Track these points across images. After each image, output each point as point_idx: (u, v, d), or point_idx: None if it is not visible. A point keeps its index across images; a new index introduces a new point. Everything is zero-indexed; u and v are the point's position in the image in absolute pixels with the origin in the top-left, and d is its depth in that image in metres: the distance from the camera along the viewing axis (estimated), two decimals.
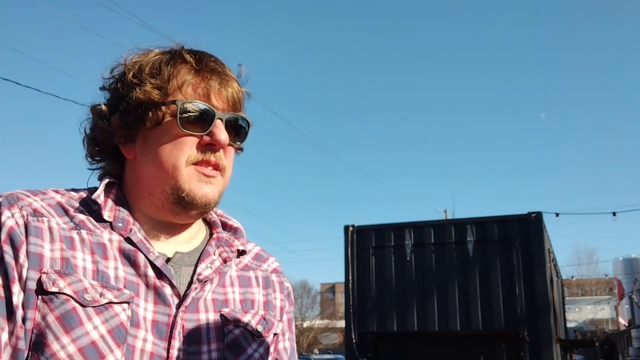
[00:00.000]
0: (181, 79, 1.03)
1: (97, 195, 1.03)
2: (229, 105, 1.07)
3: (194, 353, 0.99)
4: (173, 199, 1.03)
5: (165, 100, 1.02)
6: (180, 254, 1.07)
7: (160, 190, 1.03)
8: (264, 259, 1.22)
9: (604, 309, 37.72)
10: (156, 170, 1.03)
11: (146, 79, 1.03)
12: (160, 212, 1.05)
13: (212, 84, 1.05)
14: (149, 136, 1.04)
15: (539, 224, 7.31)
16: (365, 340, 7.54)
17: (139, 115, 1.03)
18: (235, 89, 1.08)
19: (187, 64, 1.04)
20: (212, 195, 1.05)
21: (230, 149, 1.08)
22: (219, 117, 1.04)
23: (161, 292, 0.99)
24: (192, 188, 1.02)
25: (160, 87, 1.02)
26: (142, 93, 1.02)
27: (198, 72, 1.05)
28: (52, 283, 0.91)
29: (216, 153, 1.05)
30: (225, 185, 1.10)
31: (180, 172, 1.02)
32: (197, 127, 1.02)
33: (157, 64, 1.04)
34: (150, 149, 1.03)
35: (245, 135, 1.12)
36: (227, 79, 1.07)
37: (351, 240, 7.92)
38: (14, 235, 0.92)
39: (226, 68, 1.09)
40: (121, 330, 0.93)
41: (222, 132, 1.03)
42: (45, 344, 0.89)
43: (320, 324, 42.00)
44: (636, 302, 15.24)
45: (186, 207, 1.03)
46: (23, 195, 0.99)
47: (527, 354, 6.92)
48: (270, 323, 1.13)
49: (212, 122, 1.03)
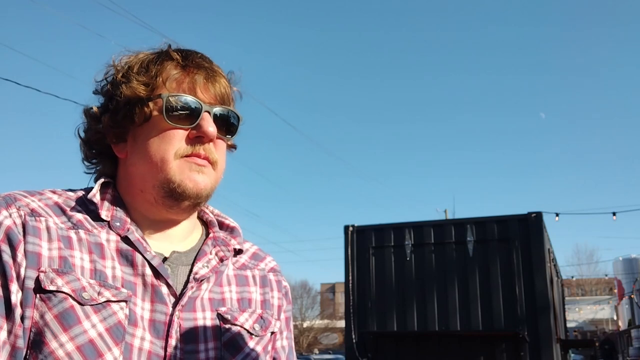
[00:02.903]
0: (167, 74, 1.04)
1: (93, 195, 1.04)
2: (217, 99, 1.07)
3: (192, 352, 0.99)
4: (164, 193, 1.03)
5: (152, 96, 1.03)
6: (177, 253, 1.07)
7: (151, 186, 1.03)
8: (261, 258, 1.23)
9: (604, 309, 37.72)
10: (146, 165, 1.03)
11: (133, 77, 1.04)
12: (154, 208, 1.06)
13: (198, 78, 1.05)
14: (138, 133, 1.04)
15: (539, 224, 7.31)
16: (365, 340, 7.53)
17: (128, 113, 1.03)
18: (223, 84, 1.08)
19: (173, 61, 1.05)
20: (203, 184, 1.04)
21: (220, 143, 1.09)
22: (206, 110, 1.04)
23: (158, 291, 1.00)
24: (182, 178, 1.02)
25: (146, 83, 1.03)
26: (129, 89, 1.03)
27: (184, 68, 1.05)
28: (50, 282, 0.92)
29: (205, 146, 1.04)
30: (218, 179, 1.09)
31: (169, 164, 1.02)
32: (184, 121, 1.03)
33: (145, 62, 1.06)
34: (139, 145, 1.04)
35: (236, 129, 1.12)
36: (214, 74, 1.07)
37: (351, 240, 7.92)
38: (12, 234, 0.93)
39: (214, 65, 1.09)
40: (119, 328, 0.94)
41: (209, 125, 1.03)
42: (44, 342, 0.89)
43: (320, 324, 42.01)
44: (636, 302, 15.25)
45: (178, 198, 1.03)
46: (21, 195, 1.00)
47: (527, 354, 6.91)
48: (267, 322, 1.13)
49: (200, 115, 1.03)
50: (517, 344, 6.93)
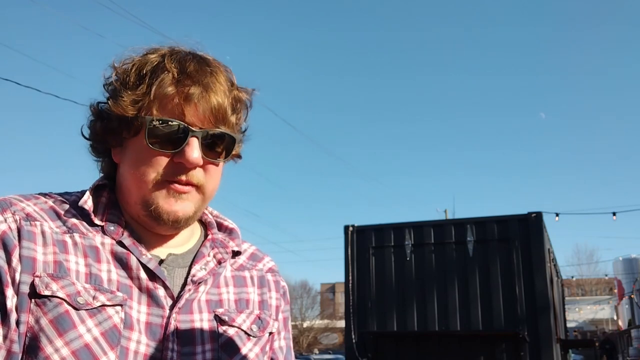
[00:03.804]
0: (158, 92, 0.99)
1: (84, 202, 1.03)
2: (209, 119, 1.01)
3: (188, 354, 0.99)
4: (144, 212, 1.01)
5: (138, 116, 0.99)
6: (173, 255, 1.07)
7: (134, 201, 1.03)
8: (260, 259, 1.22)
9: (604, 309, 37.73)
10: (130, 180, 1.02)
11: (125, 92, 1.00)
12: (140, 220, 1.04)
13: (191, 97, 0.99)
14: (128, 145, 1.03)
15: (539, 224, 7.31)
16: (365, 340, 7.53)
17: (119, 124, 1.01)
18: (217, 102, 1.01)
19: (168, 74, 0.99)
20: (182, 212, 1.01)
21: (210, 166, 1.04)
22: (193, 135, 0.99)
23: (154, 294, 0.99)
24: (160, 203, 1.00)
25: (136, 101, 1.00)
26: (119, 107, 1.00)
27: (178, 83, 0.99)
28: (45, 286, 0.91)
29: (189, 172, 1.00)
30: (206, 200, 1.06)
31: (148, 186, 1.00)
32: (168, 146, 0.99)
33: (143, 73, 1.01)
34: (127, 158, 1.03)
35: (230, 150, 1.06)
36: (209, 90, 1.00)
37: (351, 240, 7.92)
38: (7, 239, 0.93)
39: (214, 77, 1.02)
40: (115, 332, 0.93)
41: (193, 151, 0.98)
42: (39, 347, 0.89)
43: (320, 324, 42.02)
44: (636, 302, 15.25)
45: (156, 220, 1.01)
46: (16, 200, 0.99)
47: (527, 354, 6.91)
48: (265, 322, 1.13)
49: (185, 140, 0.98)
50: (517, 344, 6.93)
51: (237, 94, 1.07)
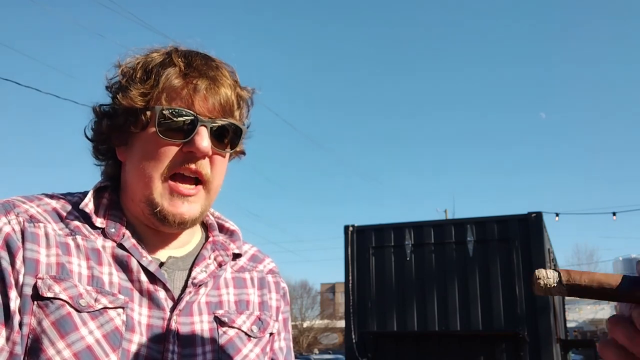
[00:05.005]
0: (167, 84, 1.00)
1: (85, 205, 1.04)
2: (217, 110, 1.03)
3: (189, 355, 0.99)
4: (149, 211, 1.02)
5: (148, 107, 1.00)
6: (173, 258, 1.07)
7: (139, 199, 1.03)
8: (260, 260, 1.23)
9: (604, 309, 37.71)
10: (136, 177, 1.02)
11: (134, 85, 1.01)
12: (144, 219, 1.05)
13: (199, 87, 1.01)
14: (135, 141, 1.03)
15: (539, 224, 7.32)
16: (365, 340, 7.54)
17: (126, 120, 1.02)
18: (225, 94, 1.03)
19: (175, 68, 1.01)
20: (188, 214, 1.02)
21: (218, 158, 1.05)
22: (202, 124, 1.00)
23: (155, 296, 1.00)
24: (165, 205, 1.01)
25: (144, 93, 1.01)
26: (127, 99, 1.01)
27: (185, 76, 1.01)
28: (47, 288, 0.92)
29: (198, 162, 1.01)
30: (212, 198, 1.07)
31: (154, 184, 1.00)
32: (178, 135, 1.00)
33: (149, 67, 1.03)
34: (134, 154, 1.03)
35: (237, 142, 1.07)
36: (217, 83, 1.02)
37: (351, 240, 7.93)
38: (11, 241, 0.93)
39: (220, 71, 1.04)
40: (116, 335, 0.94)
41: (203, 140, 0.99)
42: (41, 349, 0.89)
43: (320, 324, 41.99)
44: None
45: (161, 221, 1.02)
46: (19, 202, 1.00)
47: (527, 354, 6.92)
48: (265, 323, 1.13)
49: (194, 130, 0.99)
50: (517, 344, 6.93)
51: (240, 91, 1.09)
